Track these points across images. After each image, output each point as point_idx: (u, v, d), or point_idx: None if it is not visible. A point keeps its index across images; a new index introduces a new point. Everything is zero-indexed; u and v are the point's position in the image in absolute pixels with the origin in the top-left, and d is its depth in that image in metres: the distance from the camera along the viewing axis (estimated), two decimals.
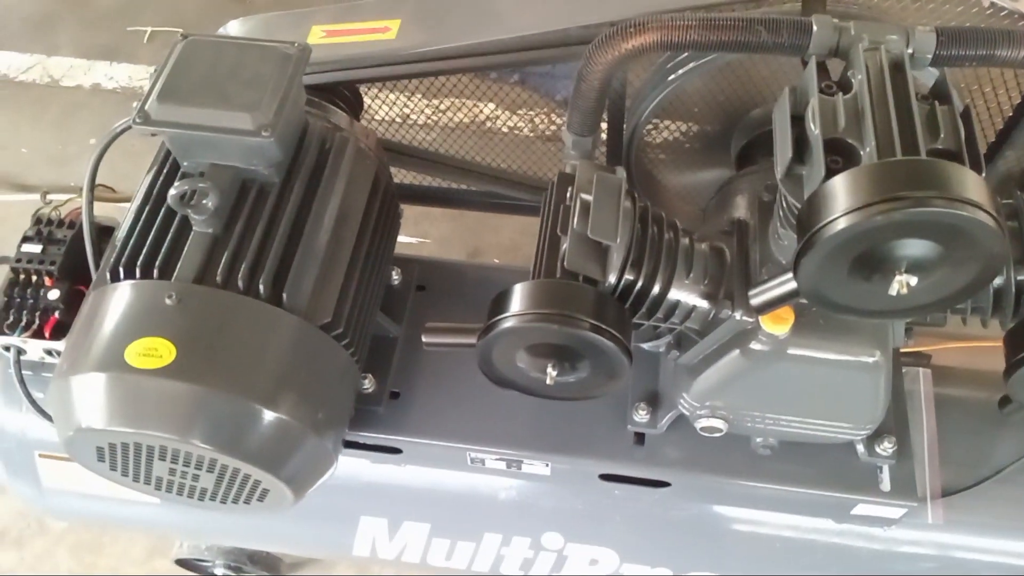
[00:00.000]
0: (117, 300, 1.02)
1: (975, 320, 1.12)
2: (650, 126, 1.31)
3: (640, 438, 1.24)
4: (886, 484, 1.18)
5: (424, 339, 1.05)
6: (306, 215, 1.10)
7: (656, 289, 1.01)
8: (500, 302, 0.97)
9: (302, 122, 1.14)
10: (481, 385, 1.10)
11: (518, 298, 0.96)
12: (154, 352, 0.95)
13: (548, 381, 0.99)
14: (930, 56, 0.91)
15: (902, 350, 1.33)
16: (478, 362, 1.03)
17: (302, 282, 1.06)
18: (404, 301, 1.38)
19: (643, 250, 1.01)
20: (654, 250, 1.02)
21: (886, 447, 1.17)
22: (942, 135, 0.82)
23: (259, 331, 1.02)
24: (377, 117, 1.52)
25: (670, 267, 1.02)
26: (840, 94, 0.87)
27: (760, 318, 0.98)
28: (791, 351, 1.00)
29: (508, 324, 0.94)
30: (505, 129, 1.62)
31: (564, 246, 1.00)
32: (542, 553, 1.38)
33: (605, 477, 1.25)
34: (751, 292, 0.94)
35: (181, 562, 1.86)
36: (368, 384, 1.26)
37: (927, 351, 1.37)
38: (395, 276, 1.39)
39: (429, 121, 1.61)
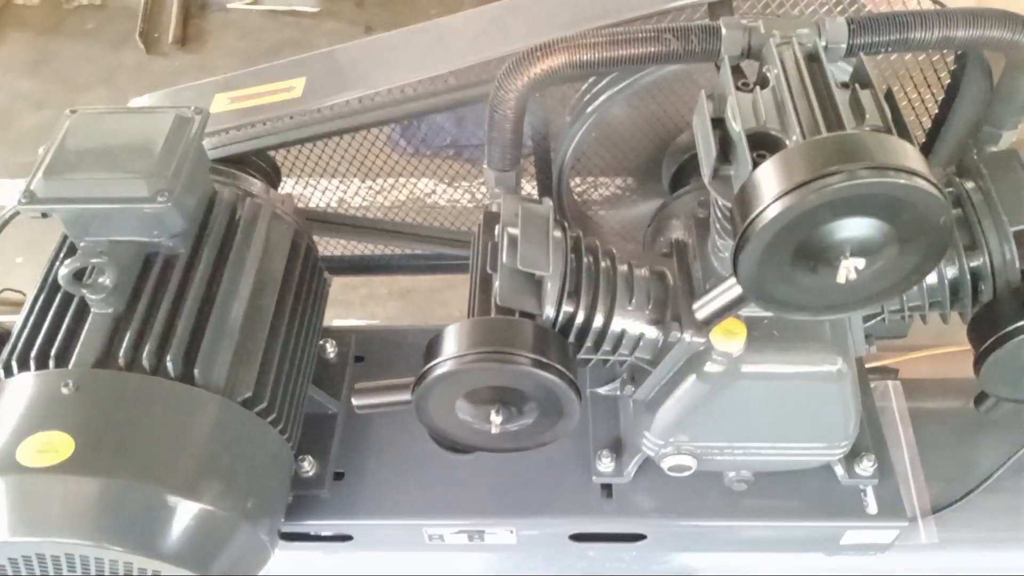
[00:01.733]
0: (9, 397, 0.92)
1: (939, 327, 1.07)
2: (577, 165, 1.27)
3: (608, 490, 1.15)
4: (872, 506, 1.11)
5: (354, 402, 0.96)
6: (217, 285, 1.02)
7: (598, 319, 0.95)
8: (432, 349, 0.90)
9: (207, 188, 1.07)
10: (432, 454, 1.02)
11: (450, 341, 0.88)
12: (50, 447, 0.85)
13: (493, 429, 0.91)
14: (844, 45, 0.89)
15: (868, 365, 1.28)
16: (418, 418, 0.95)
17: (216, 356, 0.97)
18: (342, 374, 1.29)
19: (579, 279, 0.95)
20: (591, 279, 0.96)
21: (866, 466, 1.11)
22: (867, 115, 0.78)
23: (170, 412, 0.92)
24: (321, 205, 1.47)
25: (610, 295, 0.96)
26: (758, 88, 0.83)
27: (711, 336, 0.91)
28: (747, 368, 0.94)
29: (441, 370, 0.87)
30: (445, 203, 1.59)
31: (496, 284, 0.94)
32: None
33: (576, 537, 1.16)
34: (695, 306, 0.89)
35: None
36: (308, 466, 1.16)
37: (893, 364, 1.33)
38: (330, 349, 1.31)
39: (371, 204, 1.57)
